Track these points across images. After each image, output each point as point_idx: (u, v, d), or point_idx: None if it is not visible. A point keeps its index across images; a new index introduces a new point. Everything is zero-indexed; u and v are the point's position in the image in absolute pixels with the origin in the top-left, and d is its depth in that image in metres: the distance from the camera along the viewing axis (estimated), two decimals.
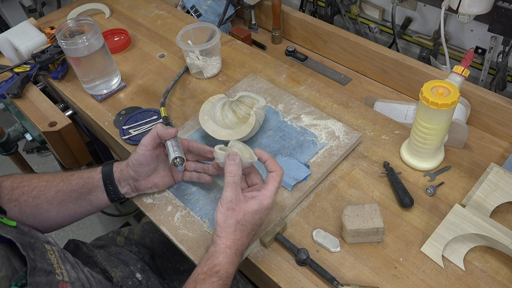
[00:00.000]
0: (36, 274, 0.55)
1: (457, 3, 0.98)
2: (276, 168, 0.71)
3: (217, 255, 0.66)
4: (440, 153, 0.85)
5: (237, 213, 0.67)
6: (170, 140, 0.78)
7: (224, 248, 0.66)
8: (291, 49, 1.34)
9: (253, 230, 0.69)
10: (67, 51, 0.99)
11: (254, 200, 0.68)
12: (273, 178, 0.70)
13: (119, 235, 1.01)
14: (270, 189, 0.69)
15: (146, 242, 1.00)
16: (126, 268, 0.87)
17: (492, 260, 0.71)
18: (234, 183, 0.68)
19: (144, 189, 0.81)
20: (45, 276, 0.56)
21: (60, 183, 0.78)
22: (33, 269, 0.55)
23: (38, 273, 0.55)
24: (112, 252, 0.92)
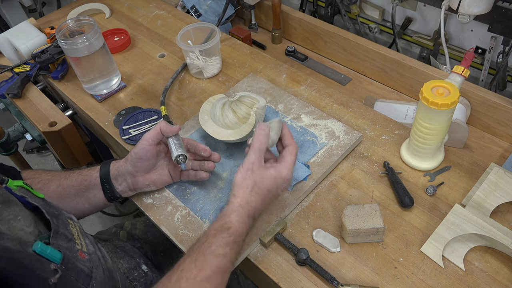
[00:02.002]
0: (58, 238, 0.58)
1: (457, 3, 0.98)
2: (292, 142, 0.73)
3: (230, 213, 0.67)
4: (440, 153, 0.85)
5: (256, 175, 0.69)
6: (172, 138, 0.78)
7: (237, 207, 0.67)
8: (291, 49, 1.34)
9: (268, 198, 0.70)
10: (67, 51, 0.99)
11: (274, 168, 0.70)
12: (290, 152, 0.72)
13: (122, 229, 1.01)
14: (288, 161, 0.71)
15: (148, 237, 1.00)
16: (132, 260, 0.88)
17: (492, 260, 0.71)
18: (260, 149, 0.70)
19: (142, 187, 0.81)
20: (66, 241, 0.59)
21: (62, 178, 0.79)
22: (55, 232, 0.58)
23: (60, 237, 0.58)
24: (117, 245, 0.93)
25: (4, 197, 0.58)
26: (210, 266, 0.61)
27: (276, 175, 0.70)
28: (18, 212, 0.57)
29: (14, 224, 0.55)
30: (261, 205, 0.70)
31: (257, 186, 0.69)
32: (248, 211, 0.68)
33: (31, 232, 0.56)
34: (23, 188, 0.63)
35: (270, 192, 0.70)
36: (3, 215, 0.55)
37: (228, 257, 0.63)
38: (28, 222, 0.57)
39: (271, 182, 0.70)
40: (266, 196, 0.70)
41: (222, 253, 0.63)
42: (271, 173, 0.70)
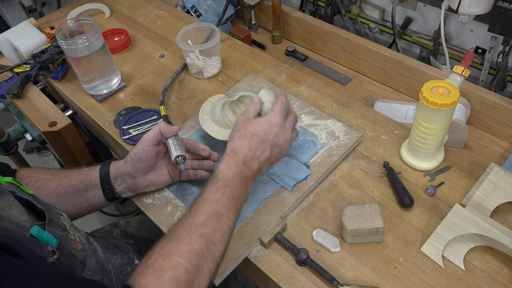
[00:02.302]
0: (53, 226, 0.60)
1: (457, 3, 0.98)
2: (280, 95, 0.75)
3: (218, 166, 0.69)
4: (440, 153, 0.85)
5: (240, 127, 0.71)
6: (172, 139, 0.78)
7: (225, 157, 0.69)
8: (291, 49, 1.34)
9: (254, 141, 0.69)
10: (67, 51, 0.99)
11: (261, 117, 0.72)
12: (278, 102, 0.73)
13: (115, 227, 1.02)
14: (275, 109, 0.72)
15: (143, 234, 1.01)
16: (125, 256, 0.89)
17: (492, 260, 0.71)
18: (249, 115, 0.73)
19: (142, 187, 0.81)
20: (60, 230, 0.61)
21: (62, 177, 0.79)
22: (50, 221, 0.60)
23: (54, 225, 0.60)
24: (111, 242, 0.93)
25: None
26: (203, 212, 0.62)
27: (262, 121, 0.71)
28: (11, 201, 0.58)
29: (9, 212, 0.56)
30: (249, 150, 0.69)
31: (240, 132, 0.70)
32: (234, 156, 0.68)
33: (26, 219, 0.57)
34: (13, 184, 0.64)
35: (258, 138, 0.69)
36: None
37: (221, 202, 0.64)
38: (22, 211, 0.58)
39: (256, 127, 0.70)
40: (254, 140, 0.69)
41: (213, 199, 0.64)
42: (256, 120, 0.71)
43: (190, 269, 0.57)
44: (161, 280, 0.54)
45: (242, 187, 0.68)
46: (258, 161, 0.69)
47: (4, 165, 0.77)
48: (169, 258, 0.57)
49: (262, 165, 0.70)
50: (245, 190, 0.69)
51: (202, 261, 0.59)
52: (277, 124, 0.71)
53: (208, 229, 0.61)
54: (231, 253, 0.73)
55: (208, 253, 0.60)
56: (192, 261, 0.57)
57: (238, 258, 0.73)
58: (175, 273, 0.55)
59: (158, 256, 0.58)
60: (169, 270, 0.56)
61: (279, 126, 0.71)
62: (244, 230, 0.76)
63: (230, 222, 0.64)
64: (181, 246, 0.59)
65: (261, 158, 0.69)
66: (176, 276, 0.55)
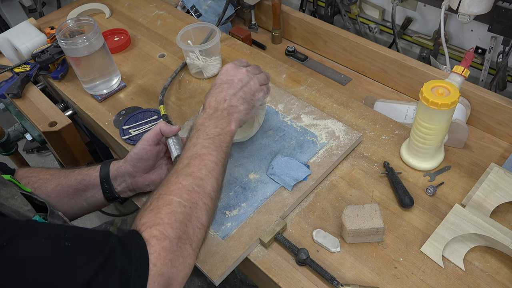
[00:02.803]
0: (54, 217, 0.63)
1: (457, 3, 0.98)
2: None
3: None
4: (440, 153, 0.85)
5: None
6: (172, 139, 0.78)
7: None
8: (291, 49, 1.34)
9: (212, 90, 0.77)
10: (67, 51, 0.99)
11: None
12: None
13: (112, 225, 1.02)
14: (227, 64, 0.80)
15: None
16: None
17: (492, 260, 0.71)
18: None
19: (141, 187, 0.81)
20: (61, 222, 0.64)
21: (61, 177, 0.79)
22: (51, 212, 0.63)
23: (56, 217, 0.63)
24: None
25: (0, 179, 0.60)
26: (185, 158, 0.68)
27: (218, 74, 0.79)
28: (15, 192, 0.60)
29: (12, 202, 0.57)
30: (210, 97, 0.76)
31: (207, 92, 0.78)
32: (202, 109, 0.75)
33: (29, 210, 0.59)
34: (11, 182, 0.65)
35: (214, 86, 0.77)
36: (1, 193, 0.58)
37: (198, 144, 0.69)
38: (25, 202, 0.59)
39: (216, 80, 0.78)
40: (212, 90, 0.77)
41: (190, 144, 0.69)
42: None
43: (184, 203, 0.61)
44: (159, 215, 0.59)
45: (216, 126, 0.72)
46: (223, 99, 0.75)
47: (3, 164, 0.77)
48: (162, 198, 0.62)
49: (231, 102, 0.75)
50: (221, 128, 0.72)
51: (194, 195, 0.63)
52: (228, 68, 0.79)
53: (193, 168, 0.66)
54: (231, 253, 0.73)
55: (198, 188, 0.64)
56: (183, 196, 0.62)
57: (238, 258, 0.73)
58: (170, 208, 0.60)
59: (152, 199, 0.62)
60: (164, 206, 0.60)
61: (231, 68, 0.78)
62: (244, 230, 0.76)
63: (213, 158, 0.68)
64: (171, 186, 0.63)
65: (224, 96, 0.75)
66: (172, 210, 0.60)
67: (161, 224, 0.58)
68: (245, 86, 0.77)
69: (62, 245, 0.48)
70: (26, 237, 0.47)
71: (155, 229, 0.57)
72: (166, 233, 0.57)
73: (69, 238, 0.50)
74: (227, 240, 0.76)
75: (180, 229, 0.58)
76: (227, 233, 0.76)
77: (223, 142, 0.71)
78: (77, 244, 0.49)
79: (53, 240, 0.49)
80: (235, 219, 0.78)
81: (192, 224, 0.61)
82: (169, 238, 0.57)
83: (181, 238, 0.58)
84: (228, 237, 0.76)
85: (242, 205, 0.80)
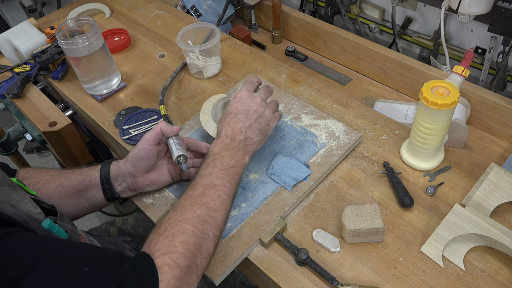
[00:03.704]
0: (64, 220, 0.64)
1: (457, 3, 0.98)
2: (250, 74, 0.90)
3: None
4: (440, 153, 0.85)
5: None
6: (172, 139, 0.78)
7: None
8: (291, 49, 1.34)
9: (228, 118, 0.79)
10: (67, 51, 0.99)
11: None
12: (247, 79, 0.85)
13: (112, 225, 1.02)
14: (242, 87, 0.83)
15: (139, 232, 1.01)
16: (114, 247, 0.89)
17: (492, 260, 0.71)
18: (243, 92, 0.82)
19: (142, 187, 0.81)
20: (70, 225, 0.66)
21: (62, 178, 0.79)
22: (61, 215, 0.65)
23: (65, 220, 0.65)
24: (108, 240, 0.94)
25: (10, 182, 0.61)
26: (200, 185, 0.70)
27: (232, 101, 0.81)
28: (24, 195, 0.61)
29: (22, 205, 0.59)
30: (227, 125, 0.78)
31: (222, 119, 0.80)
32: (218, 135, 0.78)
33: (39, 213, 0.60)
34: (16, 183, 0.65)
35: (230, 114, 0.79)
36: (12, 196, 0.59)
37: (214, 174, 0.71)
38: (34, 205, 0.61)
39: (229, 108, 0.80)
40: (228, 117, 0.79)
41: (206, 172, 0.72)
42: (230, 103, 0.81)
43: (197, 233, 0.63)
44: (173, 243, 0.61)
45: (232, 157, 0.74)
46: (240, 131, 0.77)
47: (3, 165, 0.77)
48: (177, 225, 0.63)
49: (247, 134, 0.77)
50: (236, 160, 0.75)
51: (206, 226, 0.65)
52: (243, 95, 0.80)
53: (208, 198, 0.68)
54: (231, 253, 0.73)
55: (211, 219, 0.66)
56: (197, 226, 0.64)
57: (238, 258, 0.73)
58: (185, 237, 0.62)
59: (167, 224, 0.64)
60: (179, 235, 0.62)
61: (246, 96, 0.80)
62: (244, 230, 0.76)
63: (226, 190, 0.71)
64: (186, 214, 0.65)
65: (241, 127, 0.77)
66: (186, 239, 0.62)
67: (175, 253, 0.59)
68: (260, 117, 0.80)
69: (81, 270, 0.50)
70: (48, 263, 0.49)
71: (168, 257, 0.59)
72: (178, 261, 0.59)
73: (87, 262, 0.52)
74: (227, 240, 0.76)
75: (190, 259, 0.61)
76: (227, 233, 0.76)
77: (236, 174, 0.74)
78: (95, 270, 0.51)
79: (73, 265, 0.50)
80: (235, 219, 0.78)
81: (201, 254, 0.63)
82: (180, 267, 0.59)
83: (190, 267, 0.60)
84: (228, 237, 0.76)
85: (242, 205, 0.80)
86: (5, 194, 0.59)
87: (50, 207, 0.65)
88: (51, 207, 0.65)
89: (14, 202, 0.58)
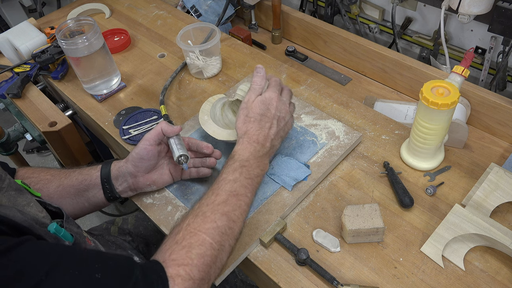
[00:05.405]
0: (70, 223, 0.63)
1: (457, 3, 0.98)
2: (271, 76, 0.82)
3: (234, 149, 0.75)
4: (440, 153, 0.85)
5: (246, 110, 0.77)
6: (173, 138, 0.78)
7: (239, 140, 0.76)
8: (291, 49, 1.34)
9: (264, 121, 0.76)
10: (67, 51, 0.99)
11: (259, 96, 0.78)
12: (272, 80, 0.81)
13: (112, 225, 1.02)
14: (271, 85, 0.80)
15: (140, 231, 1.01)
16: (124, 252, 0.89)
17: (492, 260, 0.71)
18: (255, 89, 0.78)
19: (143, 187, 0.81)
20: (76, 227, 0.65)
21: (62, 178, 0.80)
22: (67, 217, 0.64)
23: (71, 222, 0.64)
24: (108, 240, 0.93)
25: (16, 186, 0.61)
26: (223, 191, 0.69)
27: (261, 99, 0.77)
28: (30, 199, 0.60)
29: (28, 210, 0.58)
30: (259, 129, 0.75)
31: (248, 116, 0.76)
32: (248, 138, 0.75)
33: (45, 216, 0.60)
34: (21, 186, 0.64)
35: (263, 116, 0.76)
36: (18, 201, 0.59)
37: (239, 182, 0.70)
38: (40, 208, 0.60)
39: (260, 106, 0.76)
40: (258, 119, 0.76)
41: (232, 178, 0.70)
42: (257, 100, 0.77)
43: (215, 246, 0.63)
44: (190, 255, 0.60)
45: (258, 166, 0.74)
46: (270, 138, 0.76)
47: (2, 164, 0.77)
48: (195, 235, 0.62)
49: (273, 141, 0.77)
50: (261, 169, 0.75)
51: (224, 238, 0.65)
52: (275, 98, 0.77)
53: (229, 207, 0.67)
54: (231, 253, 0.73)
55: (229, 230, 0.66)
56: (216, 238, 0.63)
57: (238, 258, 0.73)
58: (202, 249, 0.61)
59: (185, 232, 0.63)
60: (197, 246, 0.61)
61: (277, 100, 0.77)
62: (244, 230, 0.76)
63: (248, 200, 0.71)
64: (206, 223, 0.64)
65: (271, 134, 0.76)
66: (203, 252, 0.61)
67: (190, 265, 0.59)
68: (285, 125, 0.80)
69: (94, 277, 0.50)
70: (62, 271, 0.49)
71: (182, 269, 0.58)
72: (192, 274, 0.59)
73: (99, 269, 0.52)
74: None
75: (205, 271, 0.60)
76: None
77: (259, 183, 0.75)
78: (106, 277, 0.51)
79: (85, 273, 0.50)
80: None
81: (216, 265, 0.63)
82: (194, 279, 0.58)
83: (203, 279, 0.60)
84: None
85: None
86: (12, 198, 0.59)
87: (56, 209, 0.65)
88: (57, 209, 0.65)
89: (20, 207, 0.58)
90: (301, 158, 0.86)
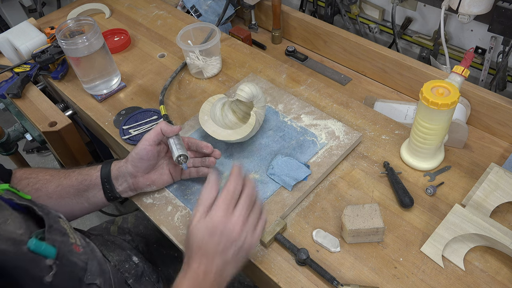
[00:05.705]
0: (52, 232, 0.59)
1: (457, 3, 0.98)
2: (232, 171, 0.65)
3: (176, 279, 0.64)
4: (440, 153, 0.85)
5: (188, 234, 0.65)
6: (173, 138, 0.78)
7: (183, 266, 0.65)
8: (291, 49, 1.34)
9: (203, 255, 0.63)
10: (67, 51, 0.99)
11: (203, 220, 0.63)
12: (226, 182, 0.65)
13: (112, 224, 1.02)
14: (218, 202, 0.63)
15: (140, 230, 1.01)
16: (123, 252, 0.89)
17: (492, 260, 0.71)
18: (202, 204, 0.64)
19: (143, 187, 0.81)
20: (60, 235, 0.60)
21: (62, 178, 0.79)
22: (50, 227, 0.59)
23: (54, 231, 0.59)
24: (108, 239, 0.93)
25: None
26: None
27: (205, 225, 0.63)
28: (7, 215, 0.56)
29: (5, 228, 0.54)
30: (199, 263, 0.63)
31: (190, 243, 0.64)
32: (189, 266, 0.63)
33: (22, 233, 0.55)
34: (9, 191, 0.62)
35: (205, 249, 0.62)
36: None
37: None
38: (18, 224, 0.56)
39: (202, 235, 0.62)
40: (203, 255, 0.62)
41: None
42: (201, 225, 0.63)
43: None
44: None
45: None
46: (212, 273, 0.62)
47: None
48: None
49: (224, 272, 0.63)
50: None
51: None
52: (218, 223, 0.62)
53: None
54: None
55: None
56: None
57: None
58: None
59: None
60: None
61: (222, 224, 0.62)
62: None
63: None
64: None
65: (213, 269, 0.62)
66: None
67: None
68: (240, 249, 0.64)
69: None
70: None
71: None
72: None
73: None
74: None
75: None
76: None
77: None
78: None
79: None
80: None
81: None
82: None
83: None
84: None
85: None
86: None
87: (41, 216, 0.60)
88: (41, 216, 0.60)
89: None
90: (301, 158, 0.86)
